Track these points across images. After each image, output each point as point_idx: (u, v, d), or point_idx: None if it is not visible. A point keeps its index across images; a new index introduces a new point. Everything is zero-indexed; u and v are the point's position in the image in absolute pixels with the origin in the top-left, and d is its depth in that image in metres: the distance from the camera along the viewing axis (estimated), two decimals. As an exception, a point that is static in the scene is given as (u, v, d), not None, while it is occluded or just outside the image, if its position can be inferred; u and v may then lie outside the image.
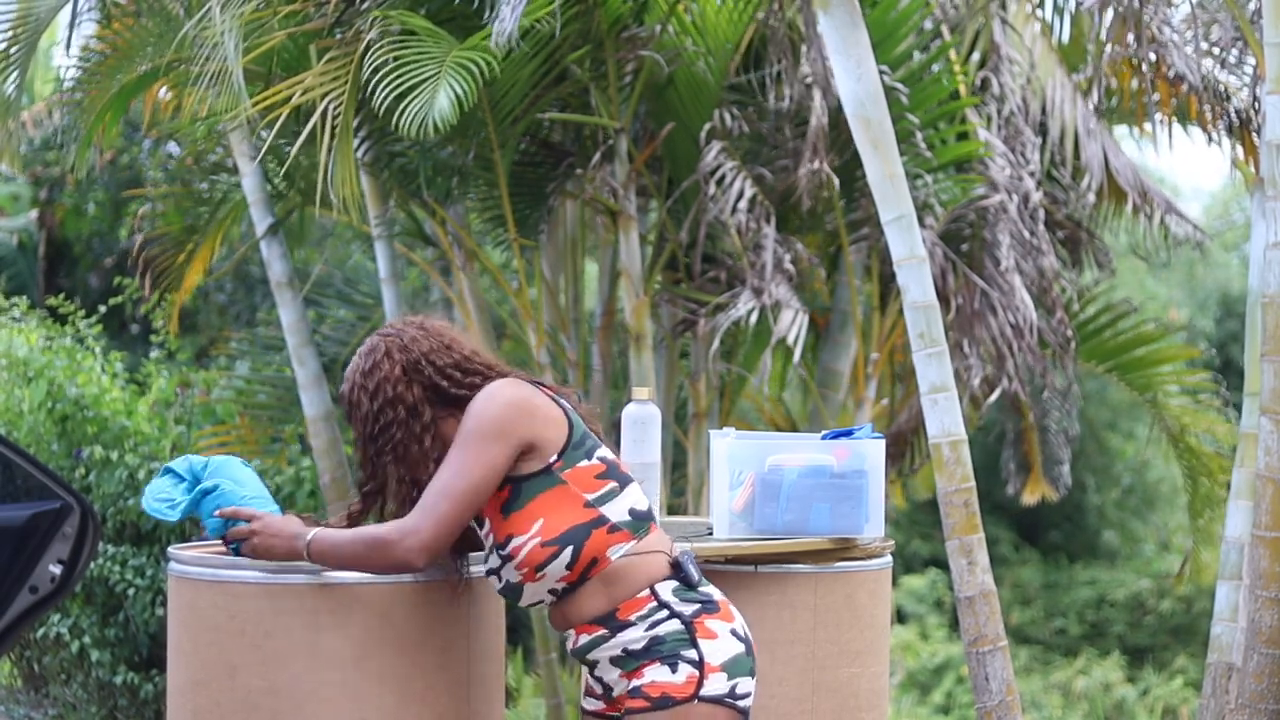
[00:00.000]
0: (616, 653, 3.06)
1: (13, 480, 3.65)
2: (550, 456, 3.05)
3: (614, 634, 3.05)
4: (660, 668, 3.00)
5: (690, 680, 2.99)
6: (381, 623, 3.20)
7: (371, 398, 3.13)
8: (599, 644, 3.07)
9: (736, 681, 3.03)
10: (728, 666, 3.02)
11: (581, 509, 3.05)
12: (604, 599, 3.06)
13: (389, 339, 3.16)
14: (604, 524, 3.05)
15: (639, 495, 3.13)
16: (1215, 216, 19.22)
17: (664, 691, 2.99)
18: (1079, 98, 7.18)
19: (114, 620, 6.86)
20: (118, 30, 6.79)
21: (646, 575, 3.05)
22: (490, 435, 3.02)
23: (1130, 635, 14.25)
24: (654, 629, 3.03)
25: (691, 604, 3.04)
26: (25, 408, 6.95)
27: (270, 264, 7.39)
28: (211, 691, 3.22)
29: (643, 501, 3.12)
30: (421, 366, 3.13)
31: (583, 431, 3.11)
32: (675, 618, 3.02)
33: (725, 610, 3.09)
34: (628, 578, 3.05)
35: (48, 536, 3.65)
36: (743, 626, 3.11)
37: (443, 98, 5.28)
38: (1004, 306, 6.77)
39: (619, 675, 3.07)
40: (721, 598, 3.11)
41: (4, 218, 12.54)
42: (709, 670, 3.00)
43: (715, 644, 3.02)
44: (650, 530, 3.10)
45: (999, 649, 4.78)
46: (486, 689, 3.39)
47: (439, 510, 3.00)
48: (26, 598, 3.65)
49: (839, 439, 3.69)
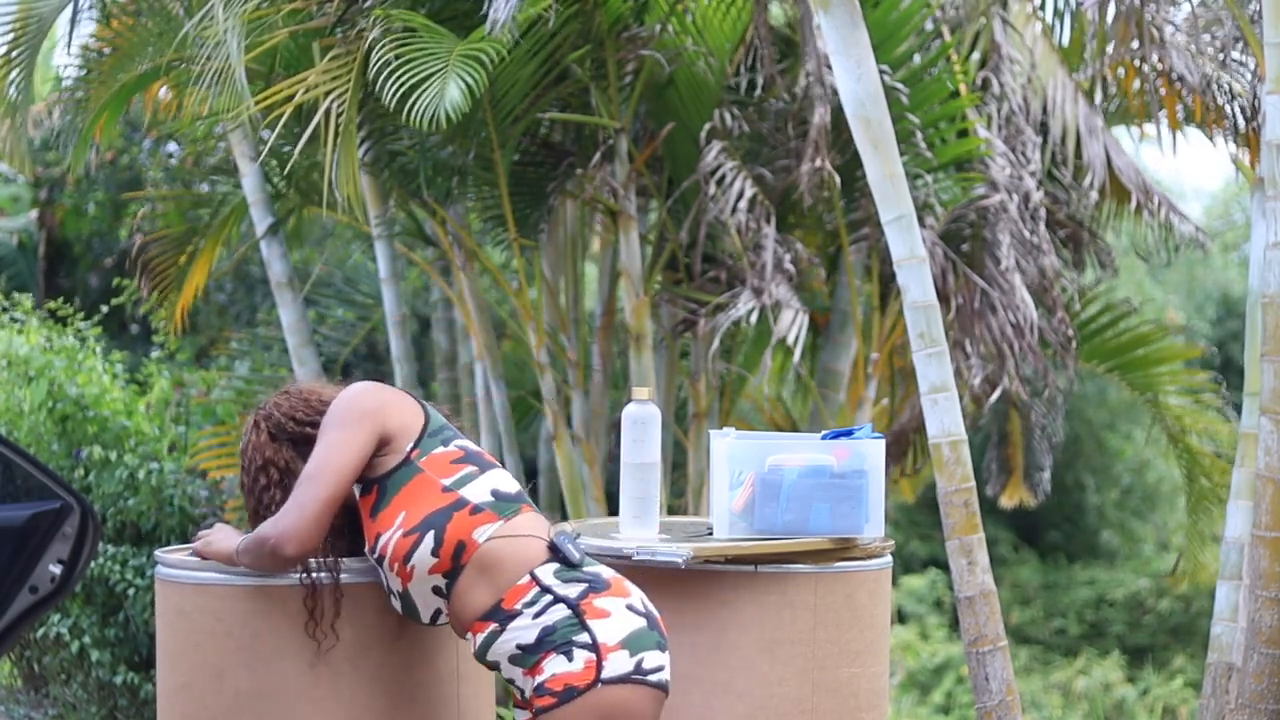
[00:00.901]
0: (511, 649, 3.01)
1: (13, 480, 3.65)
2: (407, 445, 3.07)
3: (504, 627, 3.00)
4: (556, 658, 2.95)
5: (589, 665, 2.93)
6: (370, 622, 3.20)
7: (246, 471, 3.20)
8: (492, 641, 3.02)
9: (641, 656, 2.96)
10: (628, 642, 2.95)
11: (440, 494, 3.04)
12: (486, 590, 3.01)
13: (258, 413, 3.26)
14: (464, 506, 3.03)
15: (505, 479, 3.11)
16: (1216, 217, 19.21)
17: (565, 683, 2.93)
18: (1080, 96, 7.18)
19: (114, 620, 6.86)
20: (117, 29, 6.79)
21: (523, 559, 3.01)
22: (348, 420, 3.06)
23: (1130, 635, 14.25)
24: (541, 617, 2.97)
25: (576, 584, 2.99)
26: (25, 408, 6.95)
27: (270, 264, 7.39)
28: (199, 695, 3.21)
29: (509, 485, 3.10)
30: (284, 425, 3.21)
31: (440, 423, 3.14)
32: (560, 602, 2.97)
33: (618, 586, 3.03)
34: (502, 563, 3.01)
35: (48, 536, 3.65)
36: (642, 601, 3.04)
37: (453, 89, 5.28)
38: (1004, 306, 6.76)
39: (522, 674, 3.02)
40: (613, 575, 3.06)
41: (4, 218, 12.54)
42: (606, 651, 2.93)
43: (608, 622, 2.96)
44: (521, 512, 3.07)
45: (999, 649, 4.77)
46: (475, 686, 3.39)
47: (305, 495, 3.02)
48: (26, 598, 3.65)
49: (839, 439, 3.69)
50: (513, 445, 7.37)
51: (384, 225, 7.21)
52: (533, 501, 3.19)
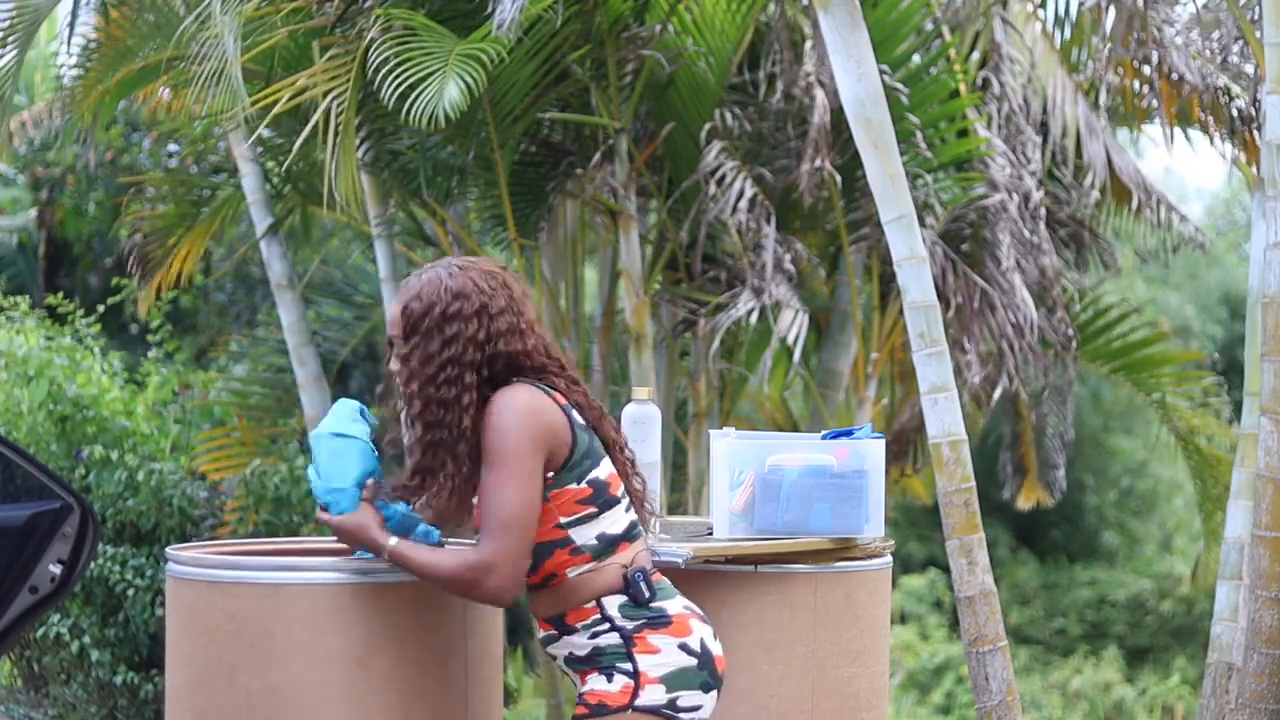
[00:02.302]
0: (566, 653, 3.15)
1: (13, 480, 3.65)
2: (548, 473, 3.08)
3: (561, 635, 3.14)
4: (599, 677, 3.09)
5: (625, 690, 3.06)
6: (381, 623, 3.20)
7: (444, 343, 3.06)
8: (551, 641, 3.17)
9: (678, 694, 3.06)
10: (667, 679, 3.06)
11: (552, 528, 3.09)
12: (557, 604, 3.13)
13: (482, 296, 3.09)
14: (567, 545, 3.10)
15: (616, 518, 3.14)
16: (1218, 216, 19.21)
17: (600, 699, 3.07)
18: (1080, 96, 7.18)
19: (114, 620, 6.85)
20: (115, 19, 6.79)
21: (597, 587, 3.10)
22: (525, 452, 3.03)
23: (1130, 636, 14.26)
24: (595, 639, 3.10)
25: (635, 620, 3.09)
26: (25, 408, 6.95)
27: (270, 264, 7.38)
28: (210, 692, 3.22)
29: (618, 524, 3.13)
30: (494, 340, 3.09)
31: (584, 449, 3.11)
32: (615, 631, 3.09)
33: (679, 625, 3.10)
34: (579, 590, 3.11)
35: (48, 536, 3.66)
36: (700, 641, 3.11)
37: (453, 88, 5.28)
38: (1004, 306, 6.76)
39: (574, 673, 3.17)
40: (679, 611, 3.12)
41: (4, 217, 12.54)
42: (645, 681, 3.05)
43: (654, 658, 3.07)
44: (618, 551, 3.12)
45: (999, 649, 4.77)
46: (485, 689, 3.39)
47: (508, 544, 3.02)
48: (26, 598, 3.65)
49: (839, 439, 3.69)
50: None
51: (384, 225, 7.20)
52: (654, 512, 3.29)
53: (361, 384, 10.88)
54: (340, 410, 3.23)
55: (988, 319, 6.78)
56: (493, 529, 3.02)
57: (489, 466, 3.04)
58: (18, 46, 6.38)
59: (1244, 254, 17.19)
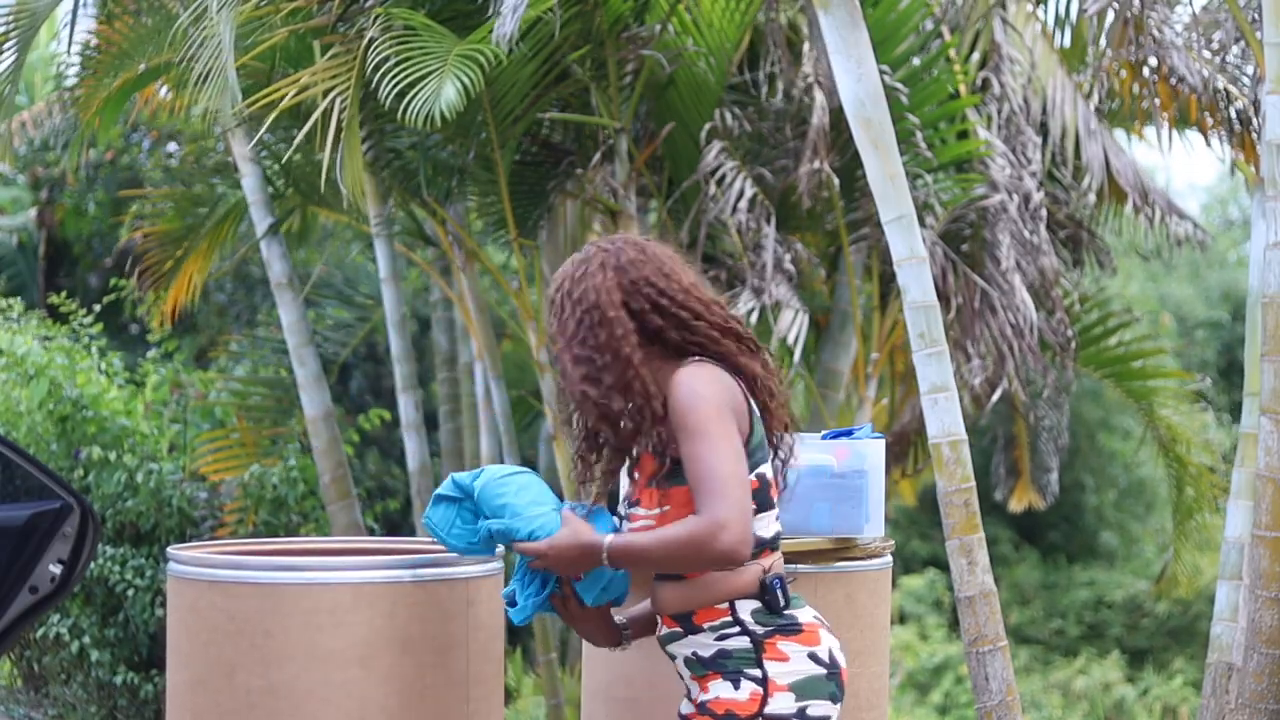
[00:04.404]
0: (689, 653, 3.03)
1: (13, 480, 3.65)
2: None
3: (686, 634, 3.03)
4: (723, 683, 2.97)
5: (754, 698, 2.95)
6: (381, 623, 3.20)
7: (576, 304, 3.03)
8: (674, 640, 3.05)
9: (808, 703, 2.96)
10: (797, 687, 2.96)
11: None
12: (687, 598, 3.01)
13: (604, 252, 3.07)
14: None
15: (768, 522, 3.04)
16: (1216, 215, 19.22)
17: (728, 709, 2.95)
18: (1079, 98, 7.18)
19: (114, 620, 6.86)
20: (118, 28, 6.79)
21: (731, 587, 3.00)
22: (725, 415, 2.94)
23: (1129, 636, 14.26)
24: (723, 641, 2.99)
25: (767, 626, 2.99)
26: (25, 408, 6.95)
27: (270, 264, 7.38)
28: (211, 691, 3.22)
29: (769, 529, 3.04)
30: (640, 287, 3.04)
31: (758, 440, 3.03)
32: (746, 635, 2.99)
33: (810, 634, 3.02)
34: (711, 589, 3.00)
35: (48, 536, 3.66)
36: (829, 651, 3.02)
37: (449, 88, 5.28)
38: (1004, 306, 6.76)
39: (690, 677, 3.04)
40: (810, 621, 3.04)
41: (4, 217, 12.55)
42: (774, 689, 2.95)
43: (784, 665, 2.97)
44: (761, 556, 3.02)
45: (999, 649, 4.77)
46: (485, 688, 3.39)
47: (734, 496, 2.88)
48: (26, 598, 3.65)
49: (839, 439, 3.69)
50: (513, 445, 7.37)
51: (384, 225, 7.21)
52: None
53: (361, 384, 10.89)
54: (490, 469, 3.14)
55: (988, 320, 6.78)
56: (714, 489, 2.88)
57: (690, 436, 2.92)
58: (18, 48, 6.38)
59: (1244, 254, 17.19)
